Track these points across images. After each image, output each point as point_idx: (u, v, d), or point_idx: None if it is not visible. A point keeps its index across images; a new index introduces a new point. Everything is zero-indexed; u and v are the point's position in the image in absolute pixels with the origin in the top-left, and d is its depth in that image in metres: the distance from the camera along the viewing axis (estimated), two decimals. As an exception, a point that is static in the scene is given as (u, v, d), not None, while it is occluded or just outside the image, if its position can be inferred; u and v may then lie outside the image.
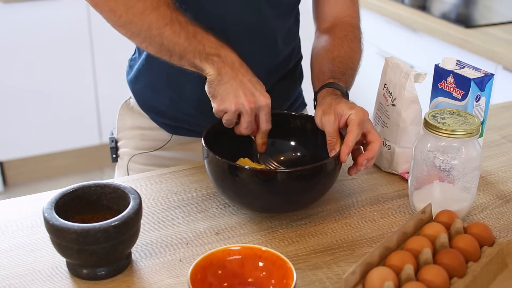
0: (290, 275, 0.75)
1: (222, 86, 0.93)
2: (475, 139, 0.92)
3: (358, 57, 1.15)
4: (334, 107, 0.97)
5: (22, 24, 2.60)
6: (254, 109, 0.94)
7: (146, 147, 1.21)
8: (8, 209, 0.98)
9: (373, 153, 0.95)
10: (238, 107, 0.93)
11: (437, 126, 0.90)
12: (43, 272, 0.84)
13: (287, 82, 1.22)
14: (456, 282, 0.75)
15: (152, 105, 1.18)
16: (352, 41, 1.15)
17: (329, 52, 1.12)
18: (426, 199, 0.94)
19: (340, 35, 1.15)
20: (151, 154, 1.21)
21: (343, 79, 1.06)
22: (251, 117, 0.94)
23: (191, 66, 0.96)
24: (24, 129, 2.77)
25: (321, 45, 1.16)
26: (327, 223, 0.96)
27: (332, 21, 1.19)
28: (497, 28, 2.20)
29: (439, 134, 0.90)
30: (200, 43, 0.94)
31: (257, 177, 0.89)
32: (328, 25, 1.19)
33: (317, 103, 1.03)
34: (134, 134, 1.22)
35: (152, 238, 0.91)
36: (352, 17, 1.19)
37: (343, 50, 1.12)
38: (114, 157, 1.27)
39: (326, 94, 1.02)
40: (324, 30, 1.19)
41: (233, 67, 0.94)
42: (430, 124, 0.91)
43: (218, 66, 0.93)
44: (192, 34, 0.95)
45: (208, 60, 0.94)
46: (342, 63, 1.09)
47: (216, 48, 0.94)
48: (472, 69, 1.05)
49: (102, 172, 3.02)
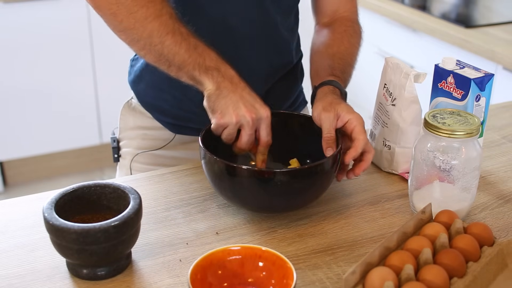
0: (290, 275, 0.75)
1: (222, 100, 0.92)
2: (475, 139, 0.92)
3: (357, 52, 1.16)
4: (335, 106, 0.97)
5: (22, 24, 2.60)
6: (255, 121, 0.92)
7: (148, 146, 1.21)
8: (8, 209, 0.98)
9: (367, 164, 0.98)
10: (239, 119, 0.91)
11: (437, 126, 0.90)
12: (43, 272, 0.84)
13: (289, 81, 1.22)
14: (456, 282, 0.75)
15: (155, 104, 1.18)
16: (352, 36, 1.16)
17: (329, 48, 1.12)
18: (426, 199, 0.94)
19: (340, 30, 1.16)
20: (154, 153, 1.21)
21: (343, 78, 1.07)
22: (252, 130, 0.93)
23: (190, 78, 0.95)
24: (24, 129, 2.77)
25: (321, 40, 1.16)
26: (327, 223, 0.96)
27: (331, 15, 1.19)
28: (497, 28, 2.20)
29: (439, 134, 0.90)
30: (200, 56, 0.94)
31: (255, 177, 0.89)
32: (327, 20, 1.20)
33: (316, 98, 1.03)
34: (136, 134, 1.22)
35: (152, 238, 0.91)
36: (351, 11, 1.20)
37: (343, 46, 1.13)
38: (116, 157, 1.26)
39: (327, 92, 1.02)
40: (324, 25, 1.20)
41: (232, 81, 0.93)
42: (430, 124, 0.91)
43: (217, 80, 0.93)
44: (193, 46, 0.94)
45: (208, 73, 0.93)
46: (341, 59, 1.10)
47: (216, 63, 0.94)
48: (472, 69, 1.05)
49: (102, 172, 3.02)
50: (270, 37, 1.12)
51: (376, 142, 1.12)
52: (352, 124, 0.96)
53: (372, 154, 0.98)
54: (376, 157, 1.13)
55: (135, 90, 1.21)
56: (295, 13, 1.19)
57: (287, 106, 1.24)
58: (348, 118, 0.96)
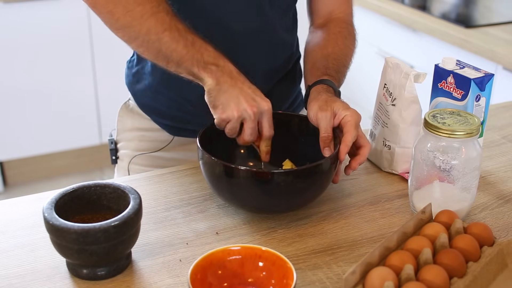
0: (290, 275, 0.75)
1: (222, 95, 0.92)
2: (475, 139, 0.92)
3: (351, 54, 1.15)
4: (331, 104, 0.97)
5: (22, 24, 2.60)
6: (257, 114, 0.92)
7: (146, 148, 1.21)
8: (8, 209, 0.98)
9: (364, 157, 0.97)
10: (241, 113, 0.92)
11: (437, 126, 0.90)
12: (43, 272, 0.84)
13: (287, 82, 1.22)
14: (456, 282, 0.75)
15: (153, 106, 1.18)
16: (346, 37, 1.15)
17: (324, 48, 1.12)
18: (426, 199, 0.94)
19: (335, 31, 1.16)
20: (152, 155, 1.21)
21: (337, 78, 1.07)
22: (255, 123, 0.93)
23: (189, 74, 0.95)
24: (24, 129, 2.77)
25: (315, 40, 1.16)
26: (327, 223, 0.96)
27: (326, 16, 1.19)
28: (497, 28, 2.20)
29: (439, 134, 0.90)
30: (198, 52, 0.94)
31: (253, 178, 0.89)
32: (322, 21, 1.20)
33: (310, 98, 1.02)
34: (134, 135, 1.22)
35: (152, 238, 0.91)
36: (346, 13, 1.20)
37: (337, 47, 1.12)
38: (113, 158, 1.26)
39: (321, 90, 1.02)
40: (319, 26, 1.20)
41: (231, 75, 0.93)
42: (430, 124, 0.91)
43: (216, 75, 0.93)
44: (191, 42, 0.94)
45: (206, 69, 0.93)
46: (336, 60, 1.10)
47: (214, 58, 0.94)
48: (472, 69, 1.05)
49: (102, 172, 3.02)
50: (269, 38, 1.12)
51: (376, 142, 1.12)
52: (346, 120, 0.95)
53: (367, 148, 0.97)
54: (376, 157, 1.13)
55: (132, 92, 1.21)
56: (293, 14, 1.19)
57: (286, 107, 1.24)
58: (344, 114, 0.96)
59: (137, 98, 1.20)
